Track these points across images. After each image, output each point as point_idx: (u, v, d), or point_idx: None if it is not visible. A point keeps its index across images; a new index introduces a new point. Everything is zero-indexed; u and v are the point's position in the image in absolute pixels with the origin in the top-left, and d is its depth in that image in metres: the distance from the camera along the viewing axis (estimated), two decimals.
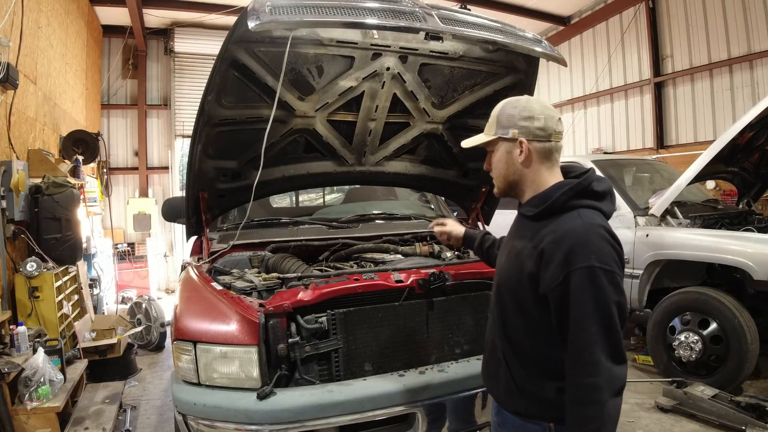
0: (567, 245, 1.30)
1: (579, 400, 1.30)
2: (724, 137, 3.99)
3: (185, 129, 9.28)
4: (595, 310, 1.27)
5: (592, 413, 1.28)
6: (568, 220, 1.35)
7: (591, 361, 1.27)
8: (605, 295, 1.28)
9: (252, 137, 2.69)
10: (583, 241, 1.30)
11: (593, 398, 1.27)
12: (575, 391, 1.31)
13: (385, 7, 2.13)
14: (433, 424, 2.13)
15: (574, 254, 1.28)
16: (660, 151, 8.16)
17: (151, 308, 5.59)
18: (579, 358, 1.30)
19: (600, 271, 1.27)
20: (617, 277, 1.30)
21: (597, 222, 1.35)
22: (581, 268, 1.27)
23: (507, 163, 1.46)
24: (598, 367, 1.27)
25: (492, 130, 1.48)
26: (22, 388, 3.08)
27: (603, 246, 1.30)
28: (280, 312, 2.07)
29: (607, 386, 1.27)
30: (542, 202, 1.41)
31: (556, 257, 1.30)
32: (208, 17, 8.53)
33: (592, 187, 1.40)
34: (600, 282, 1.27)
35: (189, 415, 2.03)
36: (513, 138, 1.43)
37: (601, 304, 1.27)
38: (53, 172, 4.50)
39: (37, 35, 5.00)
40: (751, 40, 6.97)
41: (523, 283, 1.39)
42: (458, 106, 2.98)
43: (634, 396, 3.87)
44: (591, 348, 1.27)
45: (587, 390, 1.28)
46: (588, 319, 1.27)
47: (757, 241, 3.69)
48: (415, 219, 3.62)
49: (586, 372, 1.28)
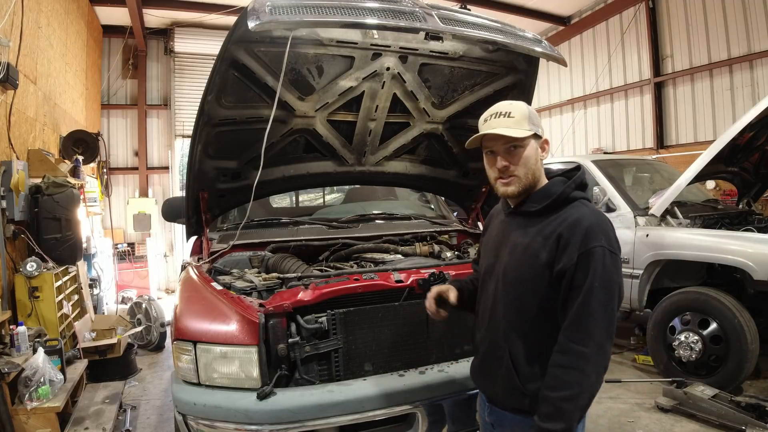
0: (584, 228, 1.43)
1: (563, 364, 1.38)
2: (724, 137, 3.99)
3: (185, 129, 9.28)
4: (601, 287, 1.38)
5: (573, 379, 1.36)
6: (576, 209, 1.49)
7: (586, 331, 1.37)
8: (611, 275, 1.40)
9: (252, 137, 2.69)
10: (596, 225, 1.44)
11: (578, 365, 1.36)
12: (563, 355, 1.39)
13: (385, 7, 2.13)
14: (433, 424, 2.12)
15: (589, 235, 1.41)
16: (660, 151, 8.16)
17: (151, 308, 5.59)
18: (575, 327, 1.39)
19: (608, 252, 1.41)
20: (619, 261, 1.46)
21: (600, 211, 1.54)
22: (595, 248, 1.40)
23: (536, 159, 1.55)
24: (591, 339, 1.37)
25: (525, 125, 1.51)
26: (22, 388, 3.08)
27: (610, 232, 1.46)
28: (280, 312, 2.07)
29: (595, 360, 1.36)
30: (547, 197, 1.52)
31: (574, 239, 1.42)
32: (208, 17, 8.53)
33: (585, 181, 1.59)
34: (608, 262, 1.40)
35: (189, 415, 2.03)
36: (540, 136, 1.56)
37: (606, 281, 1.39)
38: (53, 172, 4.50)
39: (37, 35, 5.00)
40: (751, 40, 6.97)
41: (538, 273, 1.47)
42: (458, 106, 2.98)
43: (634, 396, 3.87)
44: (590, 319, 1.37)
45: (575, 357, 1.37)
46: (593, 293, 1.38)
47: (757, 241, 3.69)
48: (415, 219, 3.62)
49: (579, 340, 1.37)
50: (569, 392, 1.35)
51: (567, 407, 1.35)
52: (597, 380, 1.38)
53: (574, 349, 1.37)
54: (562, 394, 1.36)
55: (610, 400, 3.79)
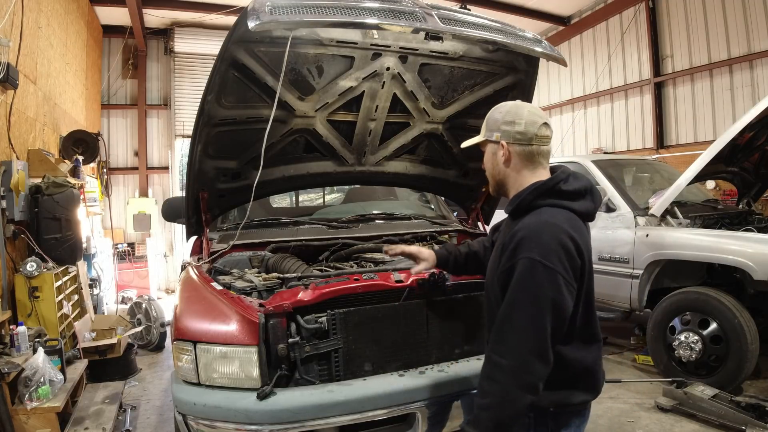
0: (518, 238, 1.39)
1: (484, 373, 1.40)
2: (724, 137, 3.99)
3: (185, 129, 9.28)
4: (526, 301, 1.34)
5: (488, 388, 1.36)
6: (529, 218, 1.44)
7: (507, 344, 1.34)
8: (541, 288, 1.33)
9: (252, 137, 2.69)
10: (532, 234, 1.37)
11: (495, 376, 1.35)
12: (485, 365, 1.40)
13: (385, 7, 2.13)
14: (433, 425, 2.13)
15: (520, 246, 1.37)
16: (660, 151, 8.16)
17: (151, 308, 5.59)
18: (497, 337, 1.38)
19: (539, 265, 1.33)
20: (558, 276, 1.33)
21: (555, 221, 1.40)
22: (521, 259, 1.35)
23: (492, 164, 1.58)
24: (511, 352, 1.33)
25: (482, 131, 1.59)
26: (22, 388, 3.08)
27: (550, 243, 1.35)
28: (280, 312, 2.07)
29: (515, 374, 1.32)
30: (515, 201, 1.52)
31: (509, 248, 1.41)
32: (208, 17, 8.53)
33: (559, 187, 1.46)
34: (537, 274, 1.33)
35: (189, 415, 2.03)
36: (496, 141, 1.54)
37: (533, 296, 1.33)
38: (53, 172, 4.50)
39: (37, 35, 5.00)
40: (751, 40, 6.97)
41: (494, 276, 1.50)
42: (458, 106, 2.98)
43: (634, 396, 3.87)
44: (509, 332, 1.35)
45: (493, 367, 1.37)
46: (515, 305, 1.36)
47: (757, 241, 3.69)
48: (415, 219, 3.62)
49: (498, 351, 1.36)
50: (485, 401, 1.35)
51: (483, 416, 1.35)
52: (517, 396, 1.32)
53: (493, 359, 1.37)
54: (481, 402, 1.37)
55: (610, 400, 3.79)
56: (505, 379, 1.33)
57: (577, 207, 1.46)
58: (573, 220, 1.43)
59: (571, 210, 1.45)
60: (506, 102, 1.59)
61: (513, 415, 1.34)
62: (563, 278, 1.34)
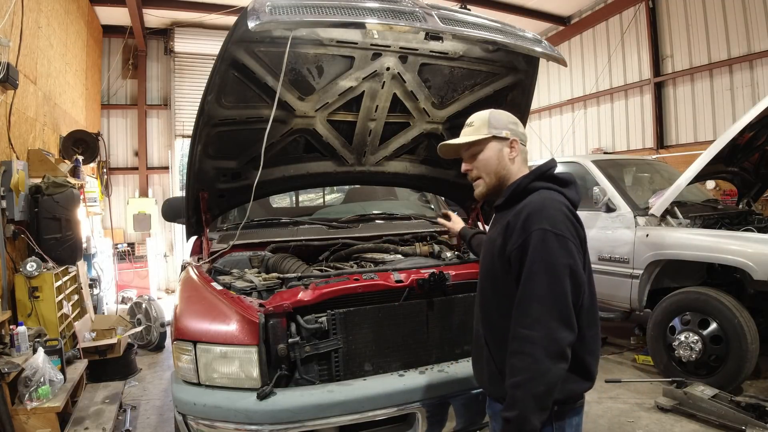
0: (526, 213, 1.44)
1: (514, 350, 1.38)
2: (724, 137, 3.99)
3: (185, 129, 9.28)
4: (543, 270, 1.36)
5: (521, 364, 1.34)
6: (530, 198, 1.51)
7: (531, 316, 1.35)
8: (555, 256, 1.37)
9: (252, 137, 2.69)
10: (539, 209, 1.44)
11: (526, 350, 1.34)
12: (513, 341, 1.39)
13: (385, 7, 2.13)
14: (433, 424, 2.13)
15: (530, 220, 1.42)
16: (660, 151, 8.16)
17: (151, 308, 5.59)
18: (521, 312, 1.38)
19: (551, 234, 1.38)
20: (569, 243, 1.40)
21: (555, 197, 1.49)
22: (535, 231, 1.40)
23: (498, 160, 1.61)
24: (537, 323, 1.34)
25: (483, 130, 1.62)
26: (22, 388, 3.08)
27: (557, 215, 1.43)
28: (280, 312, 2.07)
29: (543, 344, 1.33)
30: (509, 190, 1.58)
31: (518, 225, 1.44)
32: (208, 17, 8.54)
33: (551, 173, 1.56)
34: (550, 244, 1.38)
35: (189, 415, 2.03)
36: (506, 137, 1.61)
37: (549, 264, 1.37)
38: (53, 172, 4.50)
39: (37, 35, 5.00)
40: (751, 40, 6.97)
41: (495, 261, 1.51)
42: (458, 106, 2.98)
43: (634, 396, 3.87)
44: (534, 303, 1.36)
45: (522, 341, 1.36)
46: (535, 277, 1.37)
47: (757, 241, 3.69)
48: (415, 219, 3.62)
49: (525, 324, 1.36)
50: (519, 378, 1.34)
51: (518, 394, 1.33)
52: (551, 366, 1.32)
53: (521, 333, 1.36)
54: (513, 380, 1.35)
55: (610, 400, 3.79)
56: (535, 351, 1.32)
57: (567, 192, 1.54)
58: (567, 202, 1.52)
59: (564, 195, 1.53)
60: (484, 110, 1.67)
61: (548, 386, 1.32)
62: (574, 245, 1.41)
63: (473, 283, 2.40)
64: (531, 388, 1.32)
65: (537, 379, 1.32)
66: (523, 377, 1.33)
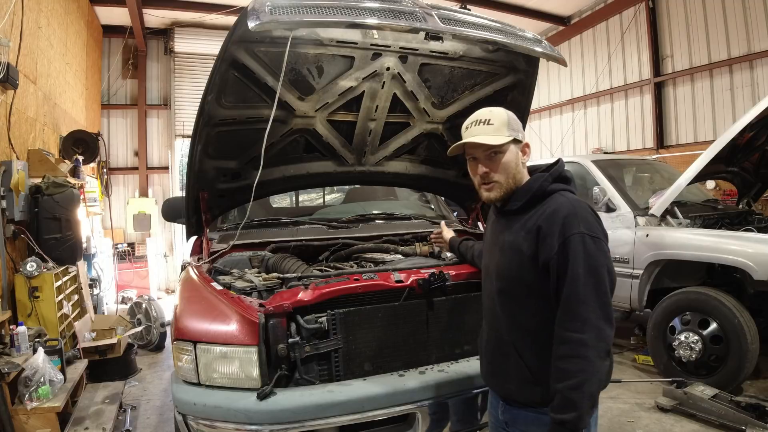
0: (561, 217, 1.46)
1: (565, 355, 1.40)
2: (724, 137, 3.99)
3: (185, 129, 9.28)
4: (587, 272, 1.40)
5: (576, 367, 1.37)
6: (554, 200, 1.52)
7: (580, 318, 1.38)
8: (596, 258, 1.42)
9: (252, 137, 2.68)
10: (573, 213, 1.46)
11: (579, 353, 1.37)
12: (562, 346, 1.41)
13: (385, 7, 2.13)
14: (434, 425, 2.12)
15: (567, 224, 1.44)
16: (660, 151, 8.16)
17: (151, 308, 5.59)
18: (569, 316, 1.40)
19: (589, 238, 1.42)
20: (604, 244, 1.46)
21: (579, 200, 1.54)
22: (574, 235, 1.42)
23: (516, 164, 1.60)
24: (586, 324, 1.37)
25: (504, 132, 1.57)
26: (22, 388, 3.08)
27: (589, 217, 1.48)
28: (280, 312, 2.07)
29: (594, 344, 1.37)
30: (526, 194, 1.57)
31: (552, 229, 1.45)
32: (208, 17, 8.53)
33: (564, 174, 1.61)
34: (590, 247, 1.42)
35: (189, 415, 2.03)
36: (521, 141, 1.61)
37: (592, 266, 1.41)
38: (53, 172, 4.50)
39: (37, 35, 5.00)
40: (751, 40, 6.97)
41: (525, 266, 1.50)
42: (458, 106, 2.98)
43: (634, 396, 3.87)
44: (581, 306, 1.38)
45: (574, 345, 1.38)
46: (580, 280, 1.40)
47: (757, 241, 3.69)
48: (415, 219, 3.62)
49: (575, 328, 1.38)
50: (575, 381, 1.37)
51: (575, 396, 1.36)
52: (601, 365, 1.39)
53: (572, 337, 1.39)
54: (568, 383, 1.37)
55: (610, 400, 3.79)
56: (589, 353, 1.37)
57: (574, 191, 1.58)
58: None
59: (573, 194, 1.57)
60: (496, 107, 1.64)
61: (600, 384, 1.41)
62: (606, 245, 1.47)
63: (473, 283, 2.41)
64: (588, 389, 1.37)
65: (592, 380, 1.37)
66: (578, 379, 1.36)
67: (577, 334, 1.38)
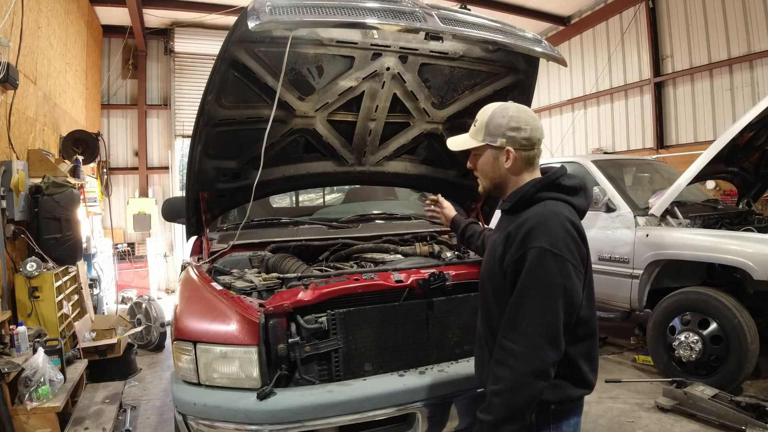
0: (527, 227, 1.42)
1: (496, 359, 1.41)
2: (724, 137, 3.99)
3: (185, 129, 9.28)
4: (536, 288, 1.37)
5: (500, 374, 1.38)
6: (534, 209, 1.48)
7: (518, 329, 1.37)
8: (550, 275, 1.36)
9: (252, 137, 2.69)
10: (541, 224, 1.41)
11: (507, 362, 1.37)
12: (497, 350, 1.42)
13: (385, 7, 2.13)
14: (434, 425, 2.13)
15: (530, 236, 1.40)
16: (660, 151, 8.16)
17: (151, 308, 5.59)
18: (508, 324, 1.40)
19: (549, 254, 1.37)
20: (567, 264, 1.38)
21: (560, 211, 1.45)
22: (533, 248, 1.38)
23: (493, 168, 1.58)
24: (522, 338, 1.36)
25: (480, 136, 1.58)
26: (22, 388, 3.08)
27: (558, 232, 1.40)
28: (280, 312, 2.07)
29: (525, 359, 1.35)
30: (515, 197, 1.54)
31: (517, 238, 1.43)
32: (208, 17, 8.54)
33: (560, 182, 1.51)
34: (547, 263, 1.36)
35: (189, 415, 2.03)
36: (500, 146, 1.54)
37: (543, 282, 1.36)
38: (53, 172, 4.50)
39: (37, 35, 5.00)
40: (751, 40, 6.97)
41: (495, 268, 1.50)
42: (458, 106, 2.98)
43: (634, 396, 3.87)
44: (522, 318, 1.37)
45: (506, 352, 1.38)
46: (528, 293, 1.38)
47: (757, 241, 3.69)
48: (415, 219, 3.62)
49: (511, 337, 1.38)
50: (498, 387, 1.38)
51: (495, 401, 1.38)
52: (530, 382, 1.34)
53: (505, 345, 1.39)
54: (493, 387, 1.40)
55: (610, 400, 3.79)
56: (517, 365, 1.35)
57: (574, 201, 1.51)
58: (574, 212, 1.49)
59: (571, 204, 1.50)
60: (504, 104, 1.58)
61: (525, 400, 1.36)
62: (572, 265, 1.39)
63: (473, 283, 2.41)
64: (508, 399, 1.36)
65: (515, 391, 1.36)
66: (501, 387, 1.37)
67: (510, 343, 1.37)
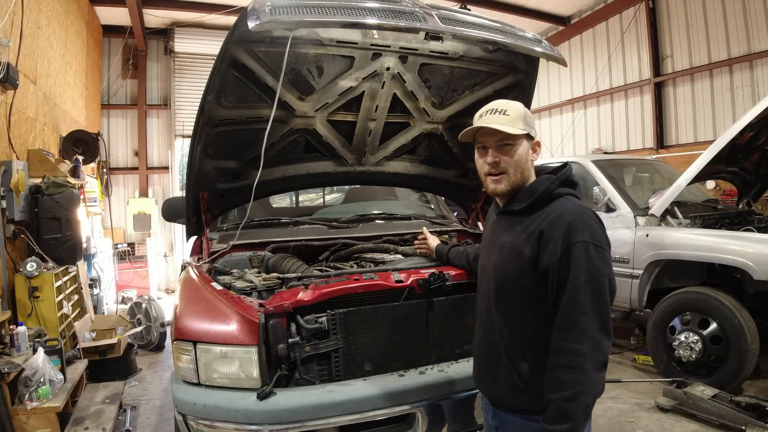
0: (565, 224, 1.42)
1: (561, 365, 1.37)
2: (724, 137, 3.99)
3: (185, 129, 9.29)
4: (587, 282, 1.37)
5: (572, 378, 1.35)
6: (559, 204, 1.49)
7: (579, 329, 1.36)
8: (598, 268, 1.39)
9: (252, 137, 2.68)
10: (578, 219, 1.43)
11: (575, 363, 1.35)
12: (558, 356, 1.38)
13: (385, 7, 2.13)
14: (433, 425, 2.12)
15: (571, 231, 1.41)
16: (660, 151, 8.17)
17: (151, 308, 5.59)
18: (567, 325, 1.38)
19: (592, 247, 1.40)
20: (606, 254, 1.44)
21: (585, 206, 1.52)
22: (577, 243, 1.39)
23: (526, 159, 1.57)
24: (584, 335, 1.35)
25: (519, 124, 1.53)
26: (22, 388, 3.08)
27: (593, 225, 1.45)
28: (280, 312, 2.07)
29: (591, 355, 1.35)
30: (531, 195, 1.53)
31: (555, 235, 1.42)
32: (208, 17, 8.54)
33: (571, 178, 1.58)
34: (592, 256, 1.39)
35: (189, 415, 2.03)
36: (533, 137, 1.58)
37: (594, 276, 1.38)
38: (53, 172, 4.50)
39: (37, 35, 5.00)
40: (751, 40, 6.97)
41: (524, 270, 1.47)
42: (458, 106, 2.98)
43: (634, 396, 3.87)
44: (581, 316, 1.36)
45: (571, 355, 1.36)
46: (581, 289, 1.37)
47: (757, 241, 3.69)
48: (415, 219, 3.62)
49: (573, 338, 1.36)
50: (570, 392, 1.34)
51: (570, 407, 1.34)
52: (597, 377, 1.35)
53: (569, 347, 1.36)
54: (563, 394, 1.35)
55: (610, 400, 3.79)
56: (586, 364, 1.34)
57: (579, 196, 1.57)
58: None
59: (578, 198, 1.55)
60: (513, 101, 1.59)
61: (595, 396, 1.38)
62: (608, 254, 1.44)
63: (473, 283, 2.40)
64: (582, 401, 1.35)
65: (587, 391, 1.35)
66: (574, 390, 1.34)
67: (574, 344, 1.35)
